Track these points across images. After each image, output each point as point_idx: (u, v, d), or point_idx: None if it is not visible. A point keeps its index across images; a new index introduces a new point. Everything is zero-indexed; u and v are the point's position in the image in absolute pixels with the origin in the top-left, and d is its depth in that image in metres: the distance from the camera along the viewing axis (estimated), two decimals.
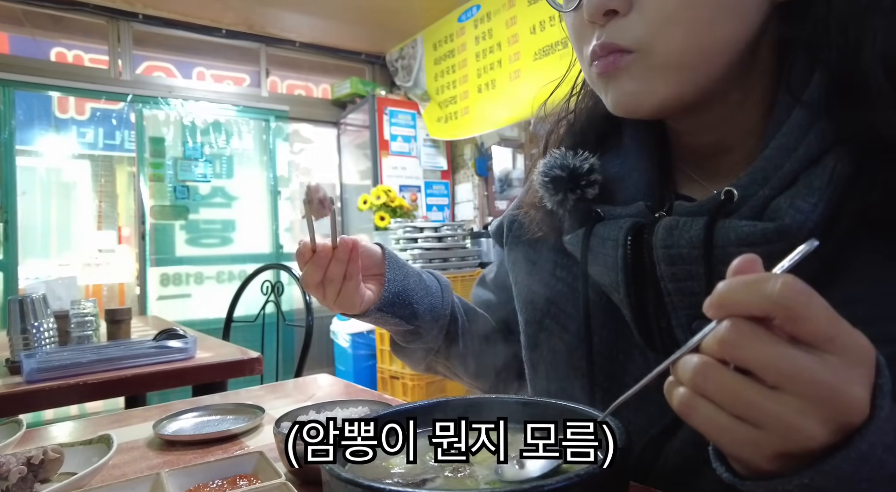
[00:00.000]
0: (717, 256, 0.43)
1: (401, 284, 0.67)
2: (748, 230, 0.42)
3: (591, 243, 0.53)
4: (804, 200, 0.41)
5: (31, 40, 3.37)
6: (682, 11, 0.43)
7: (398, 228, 3.15)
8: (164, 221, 3.56)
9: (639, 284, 0.50)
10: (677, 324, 0.47)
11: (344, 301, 0.63)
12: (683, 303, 0.46)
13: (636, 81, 0.47)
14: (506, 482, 0.37)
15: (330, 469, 0.34)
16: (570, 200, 0.55)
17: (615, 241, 0.50)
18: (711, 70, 0.46)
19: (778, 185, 0.42)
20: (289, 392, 1.05)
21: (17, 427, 0.76)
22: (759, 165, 0.44)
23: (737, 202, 0.44)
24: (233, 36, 3.84)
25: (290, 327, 2.19)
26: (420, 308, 0.68)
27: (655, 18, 0.44)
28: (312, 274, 0.62)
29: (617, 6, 0.46)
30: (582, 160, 0.55)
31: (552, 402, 0.45)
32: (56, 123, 3.53)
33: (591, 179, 0.55)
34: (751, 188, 0.43)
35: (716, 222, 0.44)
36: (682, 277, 0.45)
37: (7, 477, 0.56)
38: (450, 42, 3.73)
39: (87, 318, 1.53)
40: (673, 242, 0.46)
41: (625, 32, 0.46)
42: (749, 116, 0.49)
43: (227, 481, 0.58)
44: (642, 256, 0.49)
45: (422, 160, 4.05)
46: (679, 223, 0.46)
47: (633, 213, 0.52)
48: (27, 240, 3.25)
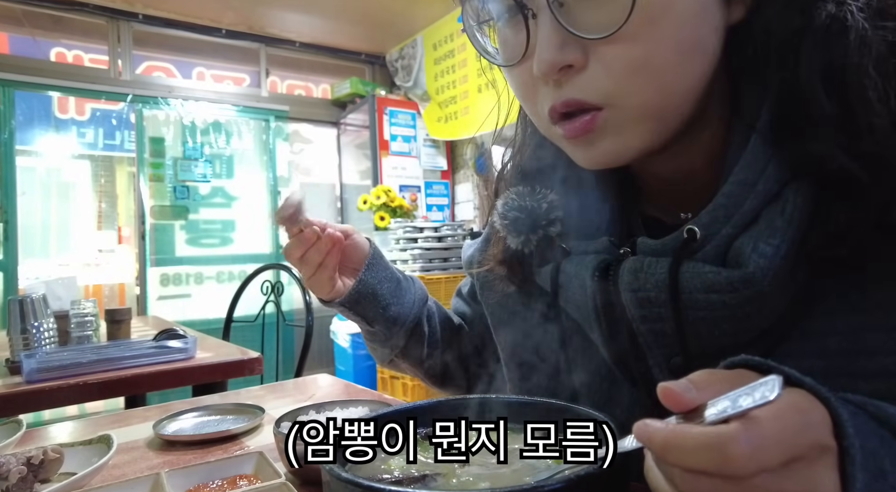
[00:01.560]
0: (685, 301, 0.42)
1: (371, 288, 0.68)
2: (713, 278, 0.41)
3: (560, 280, 0.52)
4: (767, 242, 0.40)
5: (31, 40, 3.37)
6: (647, 59, 0.41)
7: (398, 228, 3.15)
8: (164, 221, 3.56)
9: (611, 322, 0.48)
10: (654, 363, 0.47)
11: (314, 284, 0.67)
12: (657, 343, 0.45)
13: (612, 139, 0.44)
14: (506, 483, 0.37)
15: (330, 469, 0.34)
16: (533, 241, 0.53)
17: (582, 279, 0.49)
18: (683, 109, 0.44)
19: (740, 222, 0.41)
20: (289, 392, 1.05)
21: (17, 427, 0.76)
22: (720, 202, 0.42)
23: (700, 241, 0.43)
24: (233, 36, 3.84)
25: (289, 327, 2.19)
26: (384, 314, 0.69)
27: (620, 69, 0.41)
28: (293, 250, 0.65)
29: (572, 60, 0.42)
30: (539, 199, 0.53)
31: (552, 402, 0.45)
32: (56, 123, 3.53)
33: (551, 218, 0.53)
34: (713, 227, 0.42)
35: (680, 264, 0.43)
36: (652, 319, 0.44)
37: (7, 477, 0.56)
38: (450, 42, 3.73)
39: (87, 318, 1.53)
40: (639, 286, 0.45)
41: (589, 88, 0.42)
42: (709, 145, 0.48)
43: (227, 481, 0.58)
44: (611, 295, 0.48)
45: (422, 160, 4.04)
46: (644, 265, 0.45)
47: (598, 249, 0.50)
48: (27, 240, 3.25)
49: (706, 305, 0.41)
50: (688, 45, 0.41)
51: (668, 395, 0.29)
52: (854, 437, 0.28)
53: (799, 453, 0.27)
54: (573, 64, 0.42)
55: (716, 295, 0.41)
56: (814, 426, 0.28)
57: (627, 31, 0.39)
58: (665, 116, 0.44)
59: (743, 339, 0.42)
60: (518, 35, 0.45)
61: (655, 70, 0.41)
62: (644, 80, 0.41)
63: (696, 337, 0.43)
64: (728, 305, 0.40)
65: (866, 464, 0.28)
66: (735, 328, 0.42)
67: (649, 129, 0.44)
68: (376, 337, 0.72)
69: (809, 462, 0.27)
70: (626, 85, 0.42)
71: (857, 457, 0.28)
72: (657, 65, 0.41)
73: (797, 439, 0.27)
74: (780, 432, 0.27)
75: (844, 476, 0.28)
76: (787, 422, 0.27)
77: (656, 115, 0.43)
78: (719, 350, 0.41)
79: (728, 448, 0.26)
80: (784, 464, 0.27)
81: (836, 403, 0.29)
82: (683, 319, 0.43)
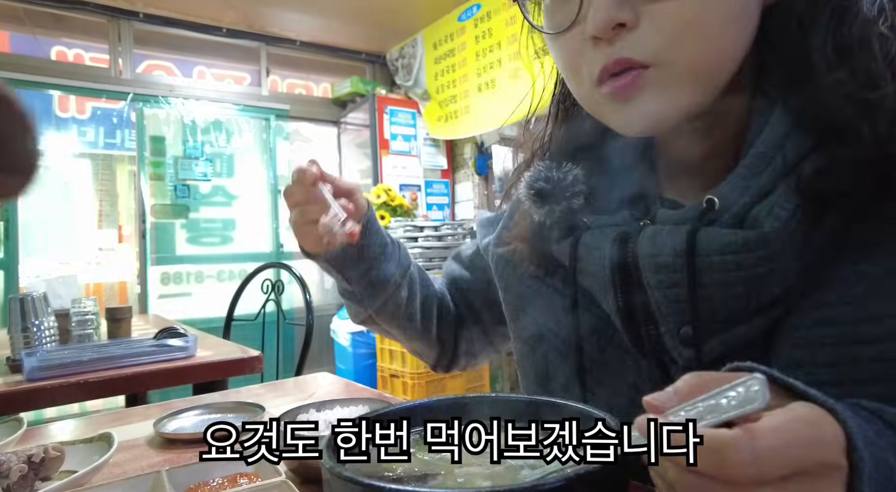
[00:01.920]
0: (701, 264, 0.43)
1: (359, 250, 0.68)
2: (729, 238, 0.42)
3: (578, 253, 0.54)
4: (782, 207, 0.41)
5: (32, 39, 3.36)
6: (696, 19, 0.42)
7: (398, 228, 3.16)
8: (165, 220, 3.56)
9: (626, 291, 0.50)
10: (666, 331, 0.48)
11: (303, 234, 0.66)
12: (671, 310, 0.46)
13: (657, 100, 0.45)
14: (505, 482, 0.37)
15: (330, 468, 0.35)
16: (557, 212, 0.55)
17: (601, 250, 0.51)
18: (723, 76, 0.45)
19: (757, 193, 0.43)
20: (289, 391, 1.05)
21: (17, 425, 0.76)
22: (739, 173, 0.44)
23: (718, 210, 0.44)
24: (233, 35, 3.84)
25: (290, 326, 2.19)
26: (366, 276, 0.70)
27: (670, 28, 0.43)
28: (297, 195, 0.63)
29: (626, 19, 0.43)
30: (565, 171, 0.55)
31: (552, 400, 0.45)
32: (57, 122, 3.53)
33: (576, 190, 0.55)
34: (731, 197, 0.44)
35: (698, 231, 0.44)
36: (667, 284, 0.46)
37: (8, 475, 0.56)
38: (450, 41, 3.73)
39: (87, 316, 1.54)
40: (657, 251, 0.46)
41: (639, 46, 0.44)
42: (734, 123, 0.49)
43: (227, 480, 0.58)
44: (628, 264, 0.49)
45: (422, 159, 4.04)
46: (663, 232, 0.46)
47: (619, 222, 0.52)
48: (28, 238, 3.25)
49: (721, 266, 0.42)
50: (738, 8, 0.43)
51: (653, 408, 0.30)
52: (864, 450, 0.28)
53: (802, 467, 0.27)
54: (626, 22, 0.43)
55: (731, 256, 0.42)
56: (824, 443, 0.28)
57: None
58: (707, 80, 0.45)
59: (753, 305, 0.43)
60: (568, 2, 0.47)
61: (704, 30, 0.42)
62: (693, 39, 0.43)
63: (708, 302, 0.44)
64: (742, 266, 0.42)
65: (875, 475, 0.28)
66: (747, 291, 0.43)
67: (693, 91, 0.45)
68: (353, 296, 0.72)
69: (813, 478, 0.27)
70: (676, 43, 0.43)
71: (864, 470, 0.28)
72: (706, 25, 0.42)
73: (803, 454, 0.27)
74: (786, 444, 0.26)
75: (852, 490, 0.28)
76: (795, 435, 0.27)
77: (700, 76, 0.44)
78: (731, 319, 0.44)
79: (727, 453, 0.26)
80: (785, 477, 0.26)
81: (845, 414, 0.29)
82: (698, 285, 0.44)
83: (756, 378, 0.28)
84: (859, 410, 0.32)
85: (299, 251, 0.70)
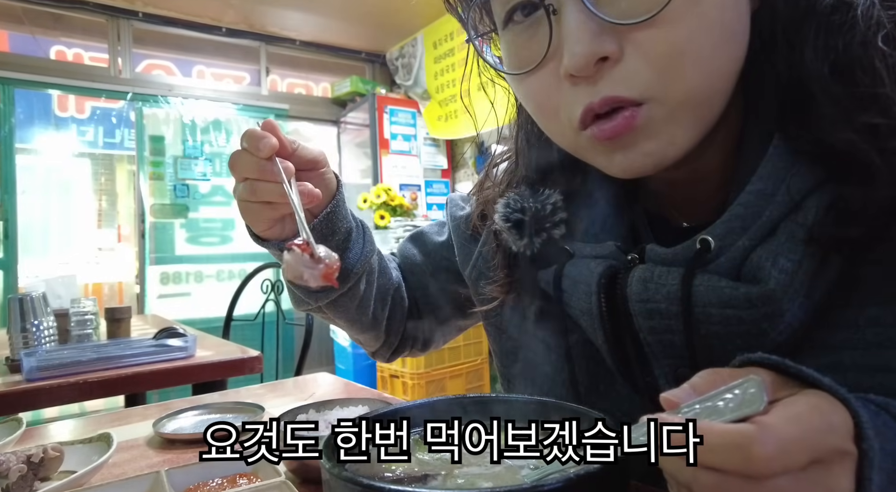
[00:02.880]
0: (697, 316, 0.40)
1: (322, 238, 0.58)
2: (730, 293, 0.39)
3: (563, 285, 0.50)
4: (787, 257, 0.37)
5: (31, 38, 3.36)
6: (690, 42, 0.37)
7: (398, 227, 3.15)
8: (164, 220, 3.55)
9: (617, 332, 0.47)
10: (660, 373, 0.45)
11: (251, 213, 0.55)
12: (664, 353, 0.44)
13: (655, 139, 0.40)
14: (505, 482, 0.37)
15: (330, 468, 0.34)
16: (536, 243, 0.52)
17: (588, 286, 0.47)
18: (719, 102, 0.41)
19: (758, 235, 0.39)
20: (289, 391, 1.05)
21: (16, 425, 0.75)
22: (736, 212, 0.40)
23: (714, 252, 0.40)
24: (233, 34, 3.83)
25: (289, 326, 2.18)
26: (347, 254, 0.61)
27: (660, 56, 0.38)
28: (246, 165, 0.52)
29: (609, 52, 0.38)
30: (544, 200, 0.51)
31: (552, 401, 0.45)
32: (56, 122, 3.53)
33: (556, 220, 0.51)
34: (728, 238, 0.40)
35: (693, 276, 0.41)
36: (661, 330, 0.43)
37: (7, 475, 0.56)
38: (450, 40, 3.72)
39: (86, 316, 1.53)
40: (649, 297, 0.42)
41: (627, 81, 0.39)
42: (723, 145, 0.46)
43: (226, 480, 0.58)
44: (618, 305, 0.46)
45: (422, 159, 4.04)
46: (654, 275, 0.43)
47: (604, 254, 0.48)
48: (27, 238, 3.25)
49: (721, 320, 0.40)
50: (729, 27, 0.39)
51: (670, 404, 0.30)
52: (873, 439, 0.28)
53: (818, 456, 0.27)
54: (609, 55, 0.38)
55: (731, 310, 0.39)
56: (835, 430, 0.28)
57: (668, 13, 0.36)
58: (708, 107, 0.41)
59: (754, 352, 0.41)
60: (534, 37, 0.42)
61: (698, 54, 0.38)
62: (687, 66, 0.38)
63: (706, 350, 0.42)
64: (744, 321, 0.39)
65: (884, 465, 0.28)
66: (748, 343, 0.40)
67: (692, 122, 0.40)
68: (305, 288, 0.62)
69: (826, 466, 0.27)
70: (669, 73, 0.38)
71: (874, 459, 0.28)
72: (700, 48, 0.38)
73: (819, 442, 0.27)
74: (804, 433, 0.27)
75: (861, 478, 0.28)
76: (811, 424, 0.27)
77: (698, 106, 0.40)
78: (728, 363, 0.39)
79: (754, 448, 0.26)
80: (803, 467, 0.27)
81: (857, 404, 0.29)
82: (694, 333, 0.41)
83: (752, 380, 0.28)
84: (868, 403, 0.32)
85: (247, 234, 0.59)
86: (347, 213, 0.62)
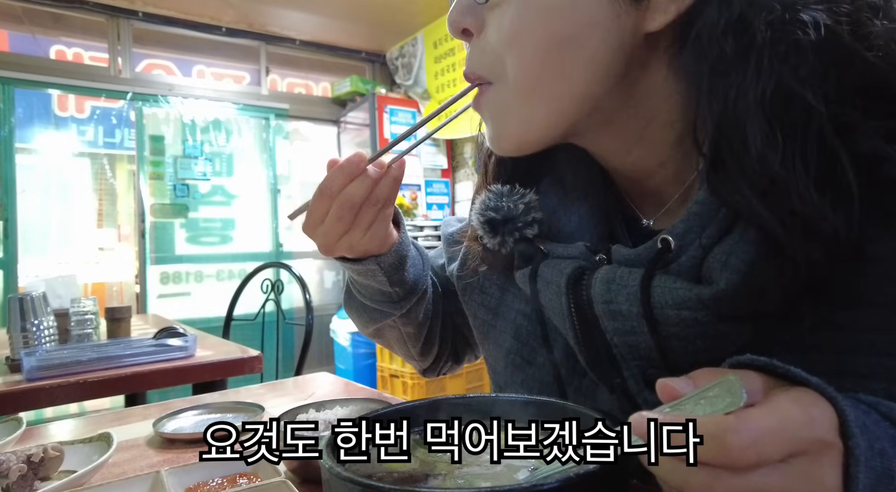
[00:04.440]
0: (657, 317, 0.40)
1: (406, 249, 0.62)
2: (683, 294, 0.39)
3: (537, 285, 0.50)
4: (739, 257, 0.37)
5: (31, 38, 3.36)
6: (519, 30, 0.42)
7: None
8: (164, 220, 3.56)
9: (586, 333, 0.47)
10: (629, 375, 0.45)
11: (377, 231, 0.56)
12: (631, 355, 0.44)
13: (493, 121, 0.46)
14: (505, 482, 0.37)
15: (330, 468, 0.34)
16: (510, 242, 0.52)
17: (558, 287, 0.47)
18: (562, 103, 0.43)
19: (714, 233, 0.39)
20: (288, 391, 1.05)
21: (17, 425, 0.75)
22: (694, 211, 0.40)
23: (674, 252, 0.41)
24: (233, 34, 3.83)
25: (289, 326, 2.19)
26: (407, 276, 0.63)
27: (498, 39, 0.42)
28: (360, 190, 0.52)
29: (468, 24, 0.43)
30: (517, 199, 0.52)
31: (552, 401, 0.45)
32: (56, 121, 3.53)
33: (529, 219, 0.51)
34: (687, 237, 0.40)
35: (652, 277, 0.41)
36: (625, 331, 0.43)
37: (7, 475, 0.56)
38: (450, 40, 3.72)
39: (86, 316, 1.54)
40: (611, 298, 0.43)
41: (479, 56, 0.44)
42: (659, 141, 0.46)
43: (226, 480, 0.58)
44: (584, 306, 0.46)
45: (422, 159, 4.04)
46: (616, 276, 0.43)
47: (574, 254, 0.49)
48: (27, 238, 3.25)
49: (678, 321, 0.40)
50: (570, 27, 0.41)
51: (666, 390, 0.30)
52: (859, 436, 0.28)
53: (800, 447, 0.27)
54: (469, 28, 0.44)
55: (687, 312, 0.39)
56: (817, 422, 0.28)
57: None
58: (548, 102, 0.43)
59: (718, 355, 0.39)
60: None
61: (522, 48, 0.42)
62: (514, 57, 0.42)
63: (670, 352, 0.41)
64: (700, 322, 0.39)
65: (871, 463, 0.28)
66: (709, 345, 0.40)
67: (528, 113, 0.44)
68: (390, 298, 0.64)
69: (811, 458, 0.27)
70: (501, 58, 0.43)
71: (861, 457, 0.28)
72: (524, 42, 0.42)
73: (799, 433, 0.27)
74: (780, 423, 0.27)
75: (847, 475, 0.28)
76: (788, 415, 0.27)
77: (531, 98, 0.43)
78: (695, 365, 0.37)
79: (727, 437, 0.26)
80: (784, 460, 0.27)
81: (844, 403, 0.29)
82: (657, 334, 0.41)
83: (730, 379, 0.28)
84: (858, 402, 0.32)
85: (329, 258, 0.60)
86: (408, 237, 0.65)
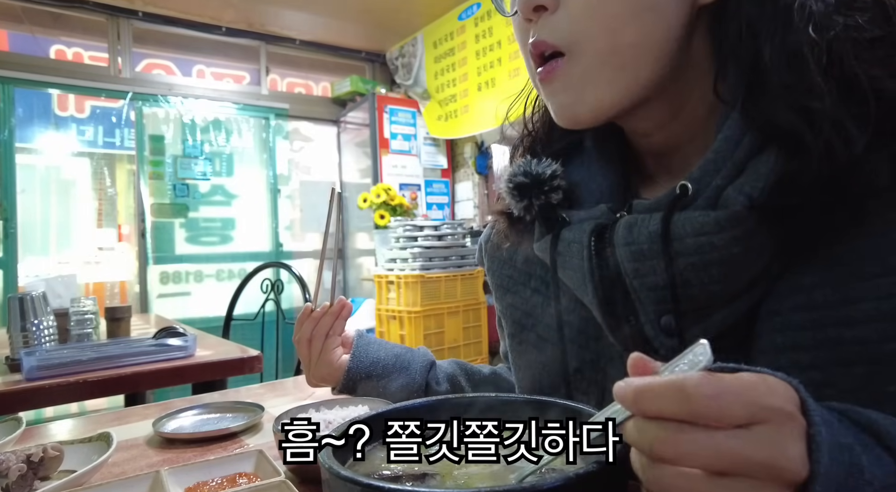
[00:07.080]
0: (676, 249, 0.43)
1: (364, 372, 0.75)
2: (702, 220, 0.42)
3: (558, 248, 0.53)
4: (752, 185, 0.41)
5: (31, 37, 3.36)
6: (599, 7, 0.45)
7: (398, 227, 3.15)
8: (164, 219, 3.56)
9: (606, 284, 0.49)
10: (646, 320, 0.47)
11: (324, 359, 0.75)
12: (650, 298, 0.46)
13: (567, 92, 0.48)
14: (505, 482, 0.37)
15: (329, 467, 0.34)
16: (536, 206, 0.55)
17: (580, 243, 0.50)
18: (639, 70, 0.46)
19: (729, 174, 0.43)
20: (288, 390, 1.05)
21: (16, 425, 0.76)
22: (710, 157, 0.44)
23: (692, 195, 0.44)
24: (233, 34, 3.83)
25: (289, 325, 2.18)
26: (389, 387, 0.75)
27: (578, 13, 0.45)
28: (306, 329, 0.74)
29: (544, 2, 0.46)
30: (545, 167, 0.56)
31: (552, 400, 0.45)
32: (56, 121, 3.53)
33: (555, 185, 0.55)
34: (703, 180, 0.44)
35: (672, 215, 0.44)
36: (645, 272, 0.45)
37: (7, 475, 0.56)
38: (450, 40, 3.72)
39: (86, 316, 1.53)
40: (633, 239, 0.46)
41: (553, 30, 0.47)
42: (694, 114, 0.50)
43: (226, 479, 0.58)
44: (606, 255, 0.49)
45: (422, 159, 4.04)
46: (638, 220, 0.46)
47: (596, 215, 0.52)
48: (27, 238, 3.25)
49: (695, 248, 0.42)
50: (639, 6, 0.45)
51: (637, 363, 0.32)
52: (821, 424, 0.29)
53: (763, 415, 0.28)
54: (546, 5, 0.47)
55: (704, 237, 0.42)
56: (776, 393, 0.29)
57: None
58: (621, 73, 0.46)
59: (732, 288, 0.43)
60: None
61: (610, 17, 0.45)
62: (597, 26, 0.45)
63: (687, 288, 0.44)
64: (716, 246, 0.42)
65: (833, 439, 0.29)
66: (724, 273, 0.42)
67: (604, 85, 0.47)
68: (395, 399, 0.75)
69: (776, 426, 0.28)
70: (582, 29, 0.45)
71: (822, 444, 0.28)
72: (613, 12, 0.45)
73: (762, 400, 0.28)
74: (742, 388, 0.28)
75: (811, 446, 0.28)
76: (750, 382, 0.29)
77: (611, 69, 0.46)
78: (710, 305, 0.44)
79: (689, 388, 0.28)
80: (748, 425, 0.27)
81: (805, 394, 0.30)
82: (675, 270, 0.44)
83: (700, 344, 0.30)
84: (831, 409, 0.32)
85: None
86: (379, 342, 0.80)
